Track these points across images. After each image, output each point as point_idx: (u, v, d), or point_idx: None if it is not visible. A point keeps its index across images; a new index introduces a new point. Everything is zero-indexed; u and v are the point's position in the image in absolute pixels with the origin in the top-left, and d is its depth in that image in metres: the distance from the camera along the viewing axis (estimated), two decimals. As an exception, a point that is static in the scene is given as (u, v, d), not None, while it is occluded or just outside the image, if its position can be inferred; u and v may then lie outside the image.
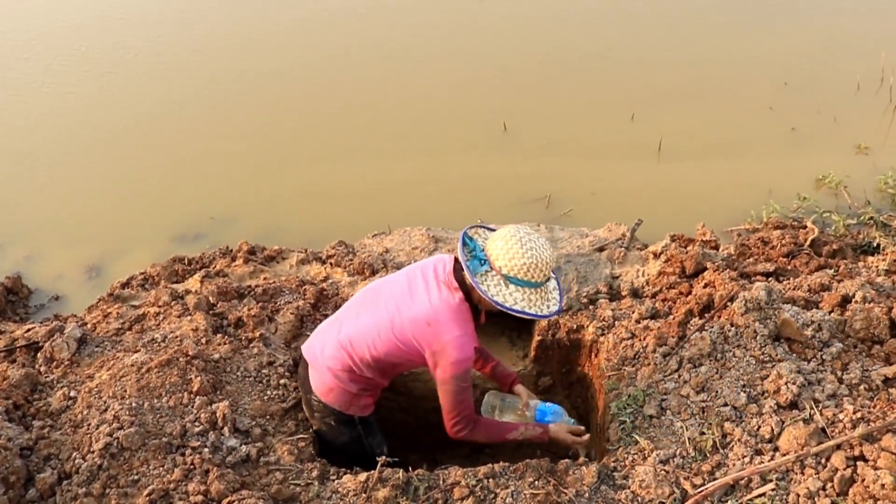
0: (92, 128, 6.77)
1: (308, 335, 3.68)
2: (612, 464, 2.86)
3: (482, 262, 2.61)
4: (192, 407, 3.01)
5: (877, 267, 4.11)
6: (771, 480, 2.65)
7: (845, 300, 3.47)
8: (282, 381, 3.30)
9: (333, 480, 2.80)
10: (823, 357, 3.11)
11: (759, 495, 2.61)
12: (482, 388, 3.60)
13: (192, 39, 8.23)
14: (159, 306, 3.86)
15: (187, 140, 6.59)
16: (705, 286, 3.74)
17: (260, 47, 8.03)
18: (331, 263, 4.48)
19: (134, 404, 2.95)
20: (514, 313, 2.58)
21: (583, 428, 3.06)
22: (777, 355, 3.12)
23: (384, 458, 2.77)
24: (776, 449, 2.76)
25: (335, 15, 8.58)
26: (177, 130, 6.73)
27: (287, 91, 7.29)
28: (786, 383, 2.94)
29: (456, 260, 2.77)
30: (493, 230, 2.73)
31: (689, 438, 2.86)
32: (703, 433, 2.87)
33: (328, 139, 6.55)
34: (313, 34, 8.27)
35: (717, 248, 4.51)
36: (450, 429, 2.83)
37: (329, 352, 2.87)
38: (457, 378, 2.70)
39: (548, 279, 2.64)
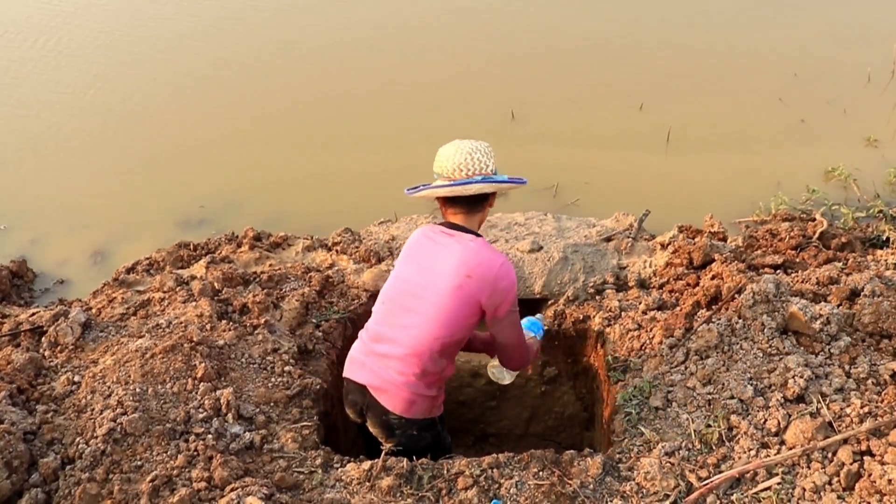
0: (98, 112, 6.76)
1: (314, 322, 3.68)
2: (618, 455, 2.84)
3: (469, 183, 2.69)
4: (196, 393, 3.00)
5: (886, 260, 4.08)
6: (777, 474, 2.63)
7: (854, 294, 3.44)
8: (286, 369, 3.29)
9: (337, 468, 2.79)
10: (831, 351, 3.10)
11: (765, 489, 2.59)
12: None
13: (199, 24, 8.19)
14: (164, 292, 3.85)
15: (194, 125, 6.58)
16: (713, 278, 3.71)
17: (266, 32, 8.00)
18: (337, 251, 4.46)
19: (138, 390, 2.94)
20: (522, 183, 2.75)
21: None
22: (784, 348, 3.10)
23: (389, 447, 2.77)
24: (782, 442, 2.75)
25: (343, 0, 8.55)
26: (183, 116, 6.72)
27: (295, 77, 7.26)
28: (793, 377, 2.92)
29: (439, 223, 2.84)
30: (426, 185, 2.85)
31: (694, 431, 2.85)
32: (709, 426, 2.86)
33: (335, 126, 6.53)
34: (319, 18, 8.23)
35: (724, 239, 4.49)
36: (521, 362, 2.95)
37: (396, 368, 2.74)
38: (514, 304, 2.75)
39: None
